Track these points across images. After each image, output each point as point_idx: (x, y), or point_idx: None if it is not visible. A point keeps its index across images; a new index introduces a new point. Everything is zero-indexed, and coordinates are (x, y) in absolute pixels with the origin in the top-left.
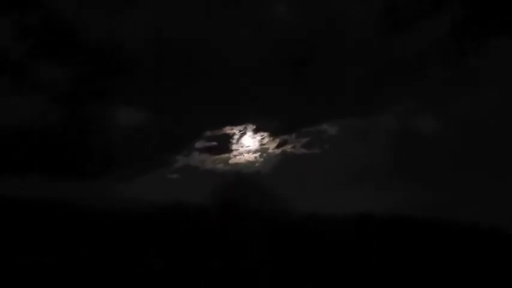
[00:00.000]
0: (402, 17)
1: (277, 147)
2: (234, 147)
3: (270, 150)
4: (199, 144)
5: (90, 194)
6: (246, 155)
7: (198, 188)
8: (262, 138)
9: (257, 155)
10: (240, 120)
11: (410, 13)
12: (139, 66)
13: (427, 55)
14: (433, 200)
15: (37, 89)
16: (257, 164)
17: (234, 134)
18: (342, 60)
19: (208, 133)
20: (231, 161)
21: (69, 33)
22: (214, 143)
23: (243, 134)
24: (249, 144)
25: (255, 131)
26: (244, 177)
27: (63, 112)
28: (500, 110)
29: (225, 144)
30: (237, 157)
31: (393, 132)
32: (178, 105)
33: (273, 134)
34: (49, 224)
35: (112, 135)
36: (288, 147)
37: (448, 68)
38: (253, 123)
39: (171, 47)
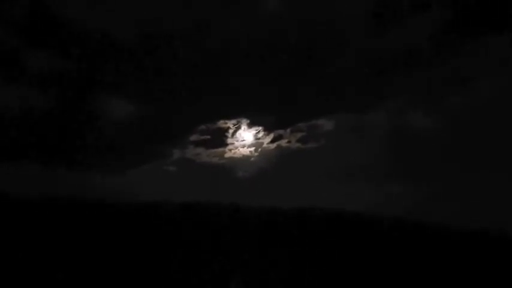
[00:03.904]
0: (395, 14)
1: (272, 141)
2: (229, 141)
3: (265, 145)
4: (194, 137)
5: (85, 185)
6: (241, 149)
7: (194, 180)
8: (257, 133)
9: (252, 149)
10: (234, 114)
11: (402, 10)
12: (135, 60)
13: (419, 52)
14: (425, 196)
15: (29, 80)
16: (252, 158)
17: (228, 127)
18: (337, 56)
19: (202, 126)
20: (226, 155)
21: (62, 24)
22: (209, 137)
23: (237, 128)
24: (244, 138)
25: (250, 125)
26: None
27: (58, 103)
28: (491, 107)
29: (220, 138)
30: (232, 151)
31: (387, 127)
32: (173, 98)
33: (268, 128)
34: (42, 216)
35: (107, 128)
36: (283, 142)
37: (441, 65)
38: (247, 117)
39: (167, 40)
